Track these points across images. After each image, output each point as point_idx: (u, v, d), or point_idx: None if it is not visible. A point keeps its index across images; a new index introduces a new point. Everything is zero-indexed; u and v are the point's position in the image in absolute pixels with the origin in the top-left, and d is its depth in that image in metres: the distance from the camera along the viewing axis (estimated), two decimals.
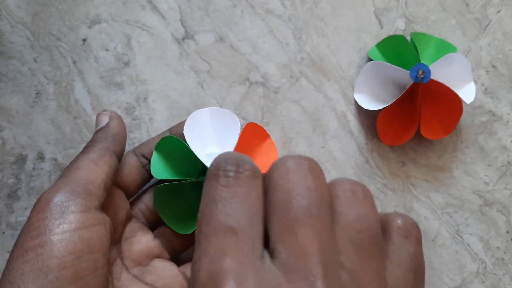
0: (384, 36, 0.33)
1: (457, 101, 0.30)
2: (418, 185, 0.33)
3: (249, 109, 0.32)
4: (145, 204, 0.28)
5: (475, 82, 0.33)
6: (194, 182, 0.27)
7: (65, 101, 0.32)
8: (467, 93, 0.31)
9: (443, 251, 0.32)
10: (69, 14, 0.32)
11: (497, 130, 0.33)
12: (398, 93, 0.32)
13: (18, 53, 0.32)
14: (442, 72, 0.30)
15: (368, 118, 0.33)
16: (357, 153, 0.33)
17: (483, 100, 0.33)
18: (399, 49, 0.31)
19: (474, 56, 0.33)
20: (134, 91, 0.32)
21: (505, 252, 0.32)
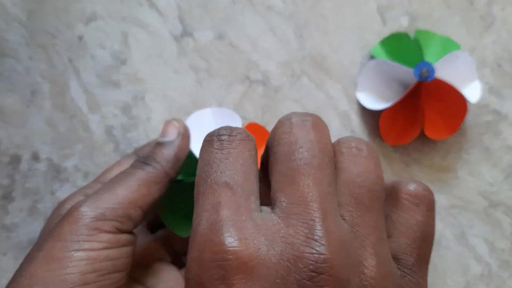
0: (387, 33, 0.32)
1: (461, 100, 0.30)
2: None
3: (249, 108, 0.32)
4: None
5: (480, 81, 0.32)
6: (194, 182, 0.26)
7: (61, 100, 0.31)
8: (472, 92, 0.31)
9: (447, 253, 0.32)
10: (65, 11, 0.32)
11: (502, 130, 0.32)
12: (401, 92, 0.31)
13: (13, 51, 0.31)
14: (446, 70, 0.30)
15: (370, 117, 0.32)
16: None
17: (488, 99, 0.33)
18: (402, 47, 0.31)
19: (478, 54, 0.33)
20: (131, 89, 0.32)
21: (510, 254, 0.32)
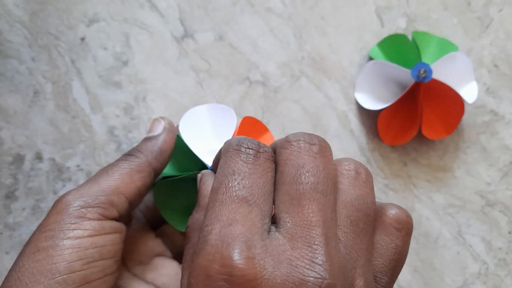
0: (385, 35, 0.33)
1: (459, 100, 0.30)
2: (419, 185, 0.32)
3: (249, 108, 0.32)
4: (145, 203, 0.28)
5: (477, 81, 0.33)
6: (194, 177, 0.27)
7: (63, 101, 0.31)
8: (469, 92, 0.31)
9: (445, 252, 0.32)
10: (67, 13, 0.32)
11: (499, 130, 0.33)
12: (399, 93, 0.31)
13: (16, 52, 0.31)
14: (443, 71, 0.30)
15: (369, 117, 0.33)
16: (358, 153, 0.32)
17: (485, 99, 0.33)
18: (400, 48, 0.31)
19: (475, 55, 0.33)
20: (132, 90, 0.32)
21: (507, 252, 0.32)
